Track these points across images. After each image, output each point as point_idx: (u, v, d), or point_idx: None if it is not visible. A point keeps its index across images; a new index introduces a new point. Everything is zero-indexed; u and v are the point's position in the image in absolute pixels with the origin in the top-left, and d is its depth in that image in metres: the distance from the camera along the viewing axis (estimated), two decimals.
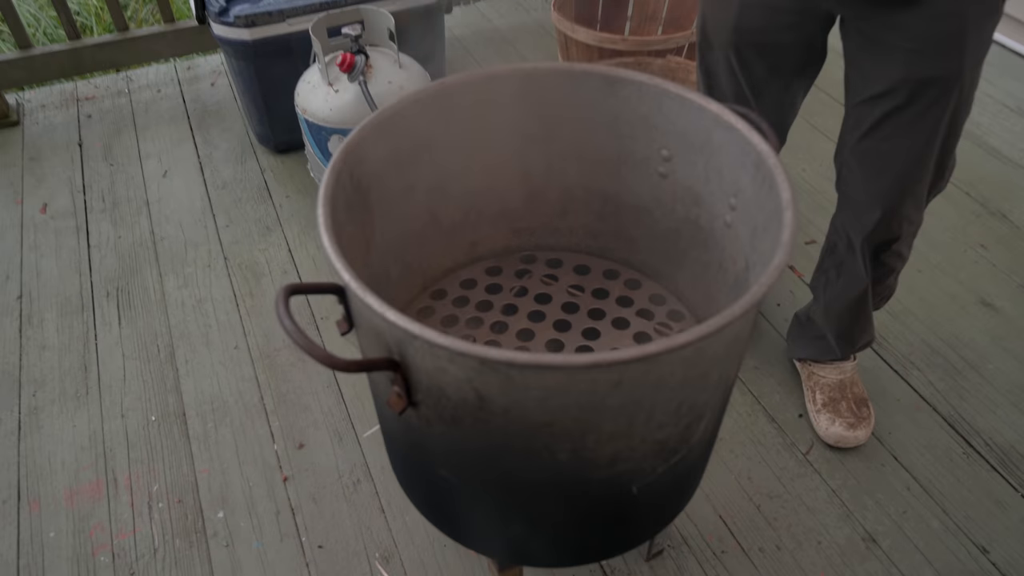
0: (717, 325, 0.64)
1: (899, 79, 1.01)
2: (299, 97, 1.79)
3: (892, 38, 0.99)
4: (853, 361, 1.51)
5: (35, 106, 2.36)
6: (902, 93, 1.02)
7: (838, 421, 1.45)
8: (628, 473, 0.78)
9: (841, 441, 1.45)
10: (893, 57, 1.00)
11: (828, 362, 1.50)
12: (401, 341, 0.68)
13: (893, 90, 1.02)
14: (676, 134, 0.94)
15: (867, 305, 1.35)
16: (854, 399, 1.47)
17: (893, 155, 1.08)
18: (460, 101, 0.96)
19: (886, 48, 1.01)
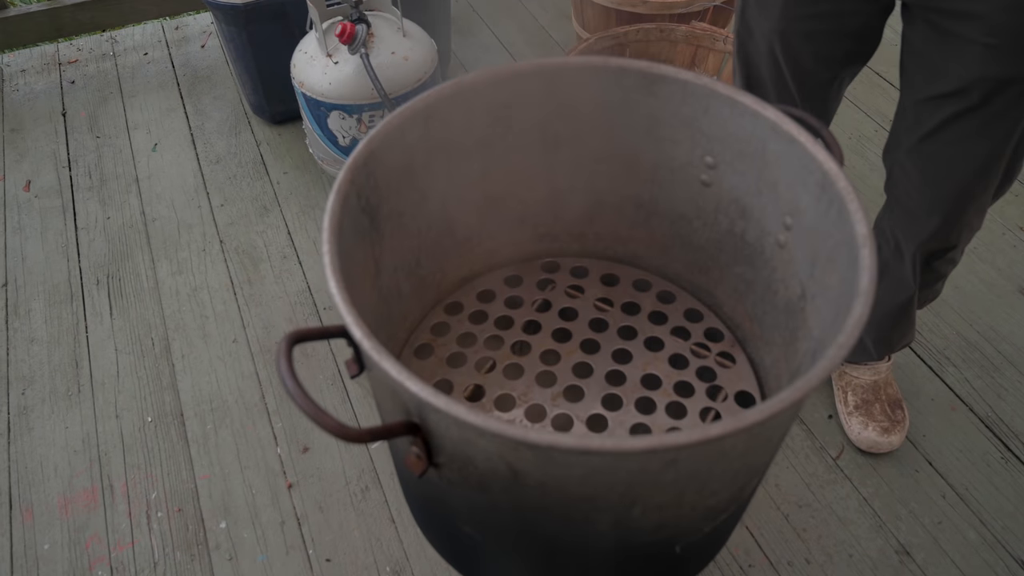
0: (789, 400, 0.55)
1: (974, 77, 0.89)
2: (295, 69, 1.67)
3: (968, 30, 0.87)
4: (888, 361, 1.42)
5: (14, 71, 2.22)
6: (976, 93, 0.90)
7: (871, 425, 1.37)
8: (673, 536, 0.70)
9: (874, 447, 1.37)
10: (968, 52, 0.88)
11: (862, 362, 1.41)
12: (422, 406, 0.59)
13: (965, 89, 0.91)
14: (724, 140, 0.84)
15: (911, 310, 1.26)
16: (888, 401, 1.40)
17: (959, 161, 0.97)
18: (480, 101, 0.85)
19: (960, 41, 0.89)
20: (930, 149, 0.99)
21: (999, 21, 0.85)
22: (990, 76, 0.88)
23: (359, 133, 1.67)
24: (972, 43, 0.87)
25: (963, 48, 0.89)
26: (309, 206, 1.85)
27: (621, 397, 0.89)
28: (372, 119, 1.65)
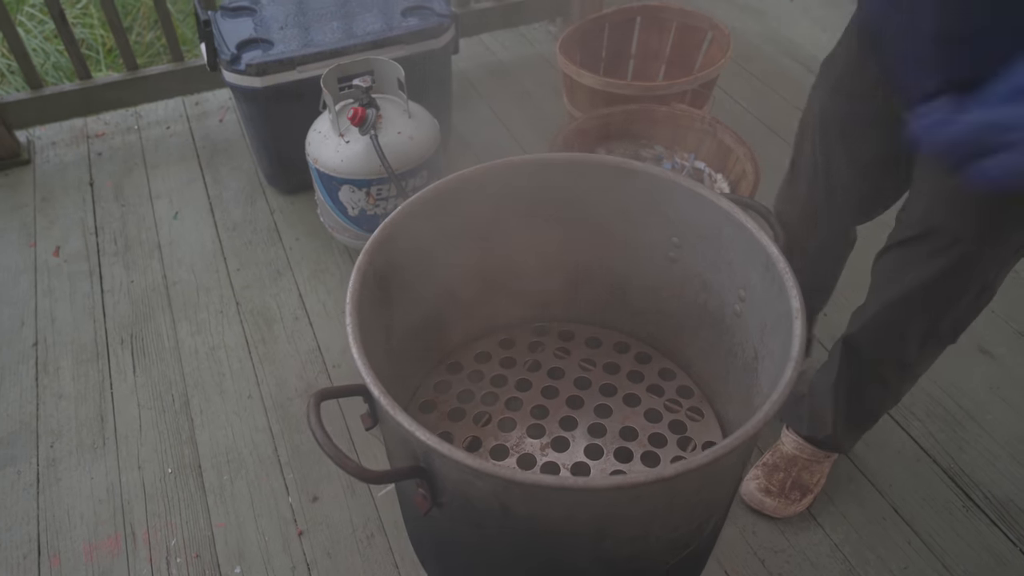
0: (732, 445, 0.67)
1: (919, 214, 1.02)
2: (310, 147, 1.82)
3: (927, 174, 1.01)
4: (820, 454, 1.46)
5: (45, 143, 2.39)
6: (917, 228, 1.03)
7: (761, 484, 1.45)
8: (645, 568, 0.81)
9: (751, 500, 1.45)
10: (923, 192, 1.02)
11: (796, 432, 1.48)
12: (428, 452, 0.71)
13: (912, 221, 1.04)
14: (687, 224, 0.98)
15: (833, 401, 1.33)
16: (793, 479, 1.45)
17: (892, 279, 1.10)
18: (479, 191, 1.00)
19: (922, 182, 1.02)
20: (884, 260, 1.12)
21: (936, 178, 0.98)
22: (926, 218, 1.01)
23: (368, 205, 1.82)
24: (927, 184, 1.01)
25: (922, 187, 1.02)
26: (319, 270, 1.99)
27: (602, 447, 1.01)
28: (380, 192, 1.80)
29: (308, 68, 1.92)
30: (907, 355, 1.19)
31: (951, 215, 0.99)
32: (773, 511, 1.46)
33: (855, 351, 1.24)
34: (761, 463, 1.50)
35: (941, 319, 1.12)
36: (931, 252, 1.03)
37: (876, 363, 1.23)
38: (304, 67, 1.91)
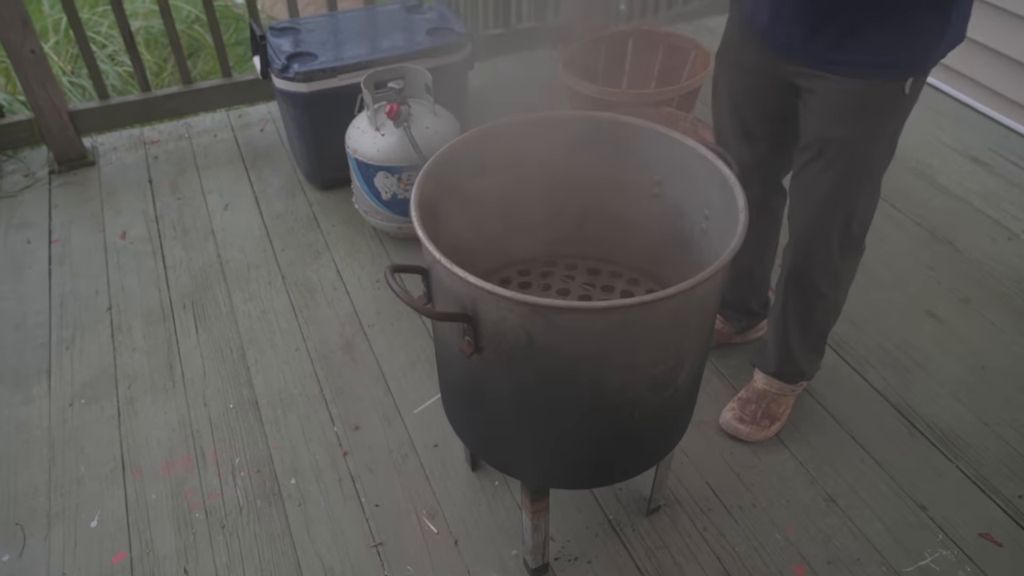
0: (693, 283, 0.95)
1: (812, 136, 1.34)
2: (350, 140, 2.13)
3: (812, 103, 1.32)
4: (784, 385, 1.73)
5: (108, 149, 2.70)
6: (814, 147, 1.34)
7: (735, 414, 1.72)
8: (632, 402, 1.09)
9: (729, 428, 1.72)
10: (811, 118, 1.33)
11: (763, 371, 1.75)
12: (475, 298, 0.99)
13: (808, 144, 1.35)
14: (664, 163, 1.27)
15: (787, 330, 1.63)
16: (763, 409, 1.72)
17: (808, 196, 1.40)
18: (504, 139, 1.29)
19: (809, 111, 1.34)
20: (795, 184, 1.42)
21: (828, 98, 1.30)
22: (821, 135, 1.32)
23: (399, 189, 2.12)
24: (814, 112, 1.32)
25: (810, 115, 1.33)
26: (354, 251, 2.28)
27: None
28: (409, 178, 2.10)
29: (347, 76, 2.24)
30: (833, 261, 1.47)
31: (836, 126, 1.30)
32: (747, 436, 1.73)
33: (793, 276, 1.54)
34: (736, 398, 1.77)
35: (851, 221, 1.41)
36: (829, 162, 1.33)
37: (812, 278, 1.51)
38: (344, 75, 2.24)
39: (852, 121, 1.29)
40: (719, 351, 1.94)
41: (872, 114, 1.28)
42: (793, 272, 1.53)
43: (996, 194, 2.49)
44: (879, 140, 1.32)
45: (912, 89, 1.26)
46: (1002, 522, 1.59)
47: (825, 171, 1.35)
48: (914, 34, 1.20)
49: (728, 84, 1.48)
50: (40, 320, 2.06)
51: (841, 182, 1.35)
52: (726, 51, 1.47)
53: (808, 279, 1.52)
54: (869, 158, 1.34)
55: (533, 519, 1.33)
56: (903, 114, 1.31)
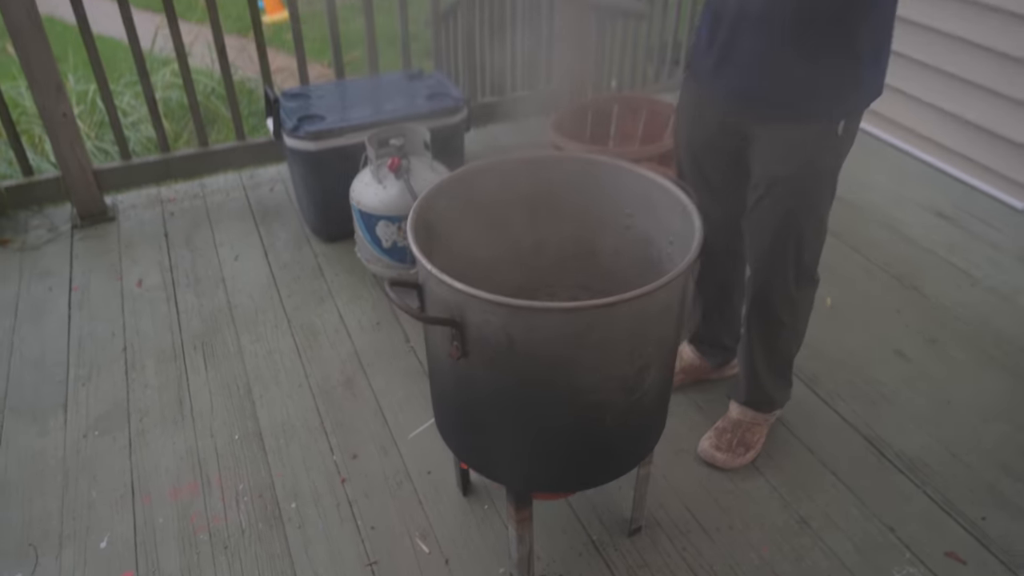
0: (653, 287, 1.09)
1: (760, 176, 1.50)
2: (354, 192, 2.31)
3: (758, 147, 1.49)
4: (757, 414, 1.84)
5: (127, 206, 2.88)
6: (763, 187, 1.50)
7: (711, 442, 1.83)
8: (604, 404, 1.20)
9: (706, 456, 1.83)
10: (758, 160, 1.50)
11: (737, 402, 1.86)
12: (461, 304, 1.13)
13: (758, 184, 1.51)
14: (633, 198, 1.42)
15: (754, 358, 1.75)
16: (739, 438, 1.83)
17: (761, 231, 1.55)
18: (490, 177, 1.45)
19: (756, 154, 1.50)
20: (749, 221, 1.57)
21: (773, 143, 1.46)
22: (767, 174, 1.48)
23: (398, 238, 2.28)
24: (762, 154, 1.48)
25: (758, 158, 1.50)
26: (355, 297, 2.42)
27: None
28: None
29: (352, 136, 2.43)
30: (789, 290, 1.61)
31: (780, 166, 1.46)
32: (723, 463, 1.83)
33: (755, 306, 1.67)
34: (713, 428, 1.88)
35: (801, 252, 1.55)
36: (776, 199, 1.49)
37: (771, 307, 1.64)
38: (350, 135, 2.43)
39: (793, 161, 1.45)
40: (698, 386, 2.06)
41: (810, 154, 1.44)
42: (754, 302, 1.67)
43: (960, 245, 2.64)
44: (819, 177, 1.48)
45: (845, 131, 1.43)
46: (967, 542, 1.67)
47: (774, 207, 1.50)
48: (836, 85, 1.38)
49: (687, 135, 1.65)
50: (59, 359, 2.18)
51: (789, 217, 1.50)
52: (683, 106, 1.65)
53: (768, 308, 1.65)
54: (812, 194, 1.49)
55: (518, 529, 1.43)
56: (839, 154, 1.47)
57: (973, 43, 2.83)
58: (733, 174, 1.61)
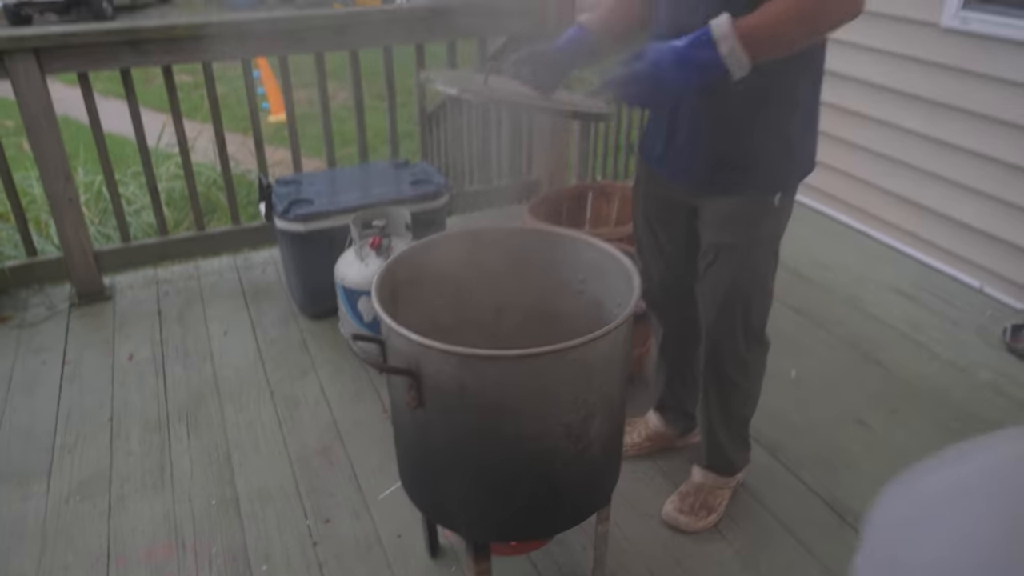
0: (591, 337, 1.19)
1: (708, 244, 1.63)
2: (338, 270, 2.44)
3: (705, 218, 1.63)
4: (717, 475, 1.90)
5: (124, 286, 3.01)
6: (710, 254, 1.63)
7: (675, 505, 1.88)
8: (552, 450, 1.28)
9: (668, 518, 1.87)
10: (705, 230, 1.63)
11: (699, 466, 1.93)
12: (418, 356, 1.23)
13: (706, 251, 1.64)
14: (585, 265, 1.54)
15: (712, 420, 1.83)
16: (701, 501, 1.88)
17: (711, 295, 1.67)
18: (454, 247, 1.57)
19: (704, 225, 1.64)
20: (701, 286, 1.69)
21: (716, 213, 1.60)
22: (713, 241, 1.61)
23: None
24: (708, 223, 1.62)
25: (705, 227, 1.63)
26: (337, 371, 2.51)
27: None
28: None
29: (338, 218, 2.58)
30: (740, 352, 1.70)
31: (724, 234, 1.59)
32: (686, 526, 1.87)
33: (709, 368, 1.76)
34: (677, 492, 1.94)
35: (748, 314, 1.65)
36: (722, 264, 1.60)
37: (724, 369, 1.73)
38: (336, 217, 2.58)
39: (736, 230, 1.58)
40: (664, 454, 2.12)
41: (751, 224, 1.57)
42: (708, 364, 1.76)
43: (920, 322, 2.75)
44: (760, 244, 1.60)
45: (782, 203, 1.57)
46: None
47: (721, 273, 1.62)
48: (769, 164, 1.53)
49: (643, 210, 1.79)
50: (47, 429, 2.26)
51: (735, 281, 1.62)
52: (637, 184, 1.80)
53: (722, 370, 1.74)
54: (754, 259, 1.61)
55: None
56: (778, 223, 1.60)
57: (928, 137, 3.04)
58: (685, 244, 1.74)
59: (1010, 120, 2.73)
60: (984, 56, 2.77)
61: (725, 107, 1.49)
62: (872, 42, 3.14)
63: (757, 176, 1.55)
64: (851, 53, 3.21)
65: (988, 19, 2.73)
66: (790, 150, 1.55)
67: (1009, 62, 2.70)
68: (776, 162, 1.55)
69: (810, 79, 1.53)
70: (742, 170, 1.55)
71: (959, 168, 2.94)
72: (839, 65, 3.29)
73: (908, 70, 3.05)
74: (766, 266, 1.64)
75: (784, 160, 1.56)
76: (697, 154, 1.57)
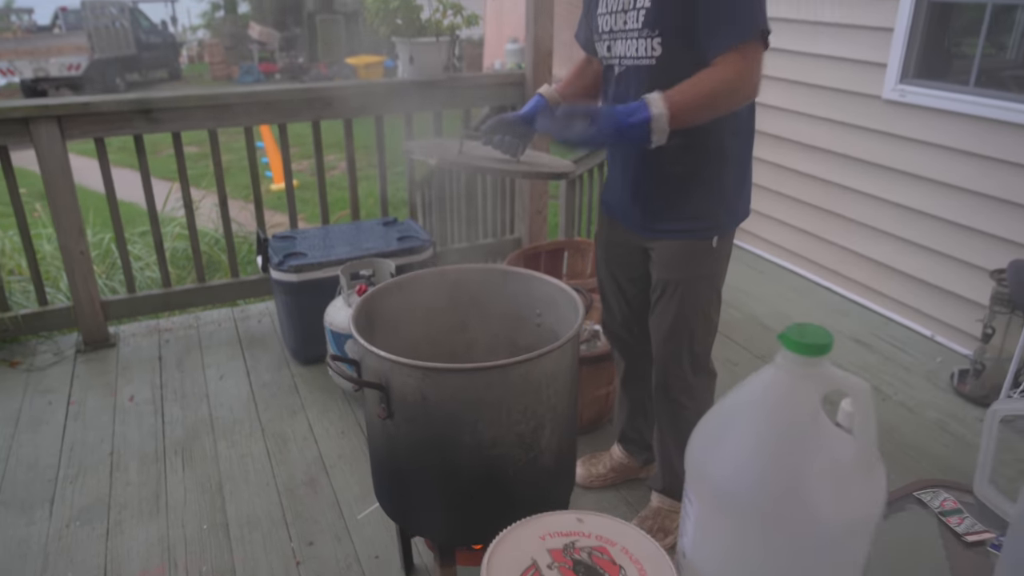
0: (537, 354, 1.38)
1: (656, 280, 1.83)
2: (328, 316, 2.63)
3: (655, 257, 1.84)
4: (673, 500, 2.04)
5: (128, 335, 3.20)
6: (658, 289, 1.83)
7: None
8: (505, 457, 1.46)
9: None
10: (655, 268, 1.84)
11: (656, 491, 2.07)
12: (387, 371, 1.41)
13: (655, 287, 1.84)
14: (542, 299, 1.74)
15: (665, 444, 2.00)
16: (657, 525, 2.03)
17: (660, 325, 1.86)
18: (427, 284, 1.78)
19: (653, 264, 1.85)
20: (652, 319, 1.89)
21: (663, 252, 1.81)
22: (661, 277, 1.81)
23: None
24: (656, 262, 1.83)
25: (654, 265, 1.84)
26: (325, 411, 2.68)
27: None
28: None
29: (329, 269, 2.80)
30: (686, 377, 1.87)
31: (671, 272, 1.79)
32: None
33: (659, 391, 1.93)
34: (637, 517, 2.08)
35: (692, 343, 1.83)
36: (669, 298, 1.79)
37: (672, 392, 1.90)
38: (327, 268, 2.79)
39: (680, 268, 1.78)
40: (627, 485, 2.27)
41: (693, 263, 1.78)
42: (658, 389, 1.94)
43: (875, 366, 2.93)
44: (701, 281, 1.80)
45: (719, 244, 1.77)
46: None
47: (668, 305, 1.82)
48: (708, 212, 1.74)
49: (604, 255, 2.00)
50: (51, 462, 2.41)
51: (679, 312, 1.81)
52: (600, 232, 2.01)
53: (670, 393, 1.92)
54: (696, 293, 1.81)
55: None
56: (716, 261, 1.80)
57: (876, 197, 3.29)
58: (642, 284, 1.94)
59: (947, 181, 2.98)
60: (920, 124, 3.04)
61: (668, 165, 1.72)
62: (825, 113, 3.42)
63: (696, 222, 1.77)
64: (805, 122, 3.49)
65: (922, 92, 3.01)
66: (724, 200, 1.77)
67: (943, 129, 2.97)
68: (713, 210, 1.77)
69: (740, 139, 1.76)
70: (684, 218, 1.76)
71: (907, 225, 3.18)
72: (792, 133, 3.59)
73: (856, 136, 3.32)
74: (707, 300, 1.84)
75: (719, 208, 1.77)
76: (647, 204, 1.79)
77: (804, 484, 0.67)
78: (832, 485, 0.69)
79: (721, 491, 0.70)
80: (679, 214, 1.76)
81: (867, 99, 3.23)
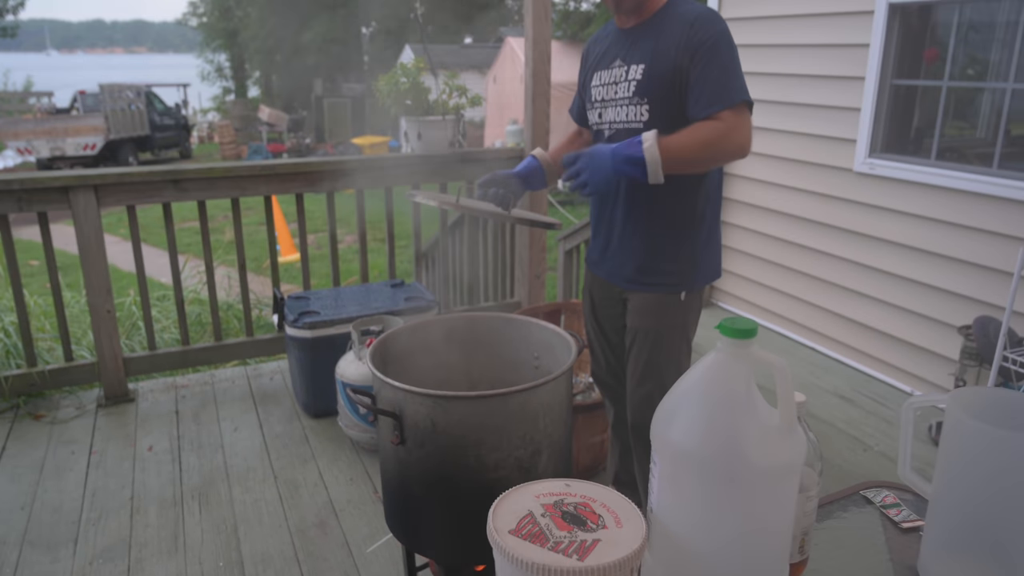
0: (531, 385, 1.56)
1: (631, 327, 2.02)
2: (339, 369, 2.81)
3: (631, 307, 2.03)
4: None
5: (146, 391, 3.37)
6: (631, 336, 2.02)
7: None
8: (505, 480, 1.61)
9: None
10: (631, 317, 2.03)
11: None
12: (400, 400, 1.59)
13: (630, 333, 2.03)
14: (539, 343, 1.93)
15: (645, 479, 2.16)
16: None
17: (634, 370, 2.04)
18: (433, 329, 1.97)
19: (630, 313, 2.04)
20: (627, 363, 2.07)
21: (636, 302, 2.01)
22: (633, 326, 2.01)
23: None
24: (630, 311, 2.02)
25: (629, 314, 2.03)
26: (335, 459, 2.82)
27: None
28: None
29: (341, 327, 2.99)
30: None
31: (644, 320, 1.97)
32: None
33: (635, 431, 2.08)
34: None
35: (664, 386, 1.97)
36: (642, 344, 1.97)
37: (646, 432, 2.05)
38: (339, 325, 2.99)
39: (652, 317, 1.98)
40: None
41: (663, 313, 1.97)
42: (634, 430, 2.10)
43: (857, 420, 3.09)
44: (671, 330, 1.99)
45: (687, 299, 1.97)
46: None
47: (640, 351, 2.00)
48: (678, 269, 1.94)
49: (590, 306, 2.20)
50: (74, 506, 2.54)
51: (652, 358, 1.99)
52: (585, 285, 2.22)
53: (644, 433, 2.07)
54: (667, 343, 1.99)
55: None
56: (685, 313, 1.99)
57: (852, 261, 3.51)
58: (623, 332, 2.13)
59: (915, 245, 3.21)
60: (889, 194, 3.30)
61: (644, 227, 1.94)
62: (802, 184, 3.69)
63: (667, 277, 1.97)
64: (784, 193, 3.75)
65: (889, 165, 3.28)
66: (694, 259, 1.97)
67: (910, 198, 3.22)
68: (683, 268, 1.97)
69: (710, 206, 1.98)
70: (657, 272, 1.97)
71: (881, 287, 3.39)
72: (773, 203, 3.84)
73: (831, 206, 3.57)
74: (677, 348, 2.02)
75: (688, 267, 1.97)
76: (625, 260, 2.00)
77: (740, 439, 0.85)
78: (761, 439, 0.86)
79: (678, 450, 0.88)
80: (653, 269, 1.97)
81: (840, 171, 3.49)
